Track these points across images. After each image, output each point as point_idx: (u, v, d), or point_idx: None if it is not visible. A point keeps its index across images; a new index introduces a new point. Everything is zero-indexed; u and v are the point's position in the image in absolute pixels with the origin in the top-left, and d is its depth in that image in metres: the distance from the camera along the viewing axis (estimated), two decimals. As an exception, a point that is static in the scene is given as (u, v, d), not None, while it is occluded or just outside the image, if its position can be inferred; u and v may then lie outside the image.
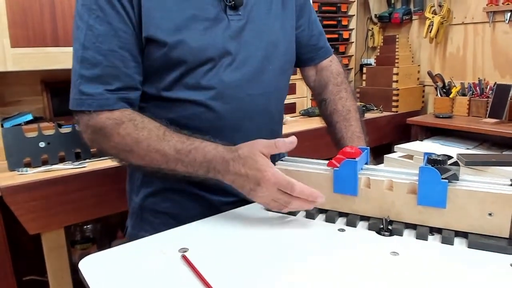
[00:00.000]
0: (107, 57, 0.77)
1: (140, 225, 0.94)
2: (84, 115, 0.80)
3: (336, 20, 2.72)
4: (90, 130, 0.80)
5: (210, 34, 0.82)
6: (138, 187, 0.94)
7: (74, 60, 0.79)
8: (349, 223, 0.78)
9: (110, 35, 0.77)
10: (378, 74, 2.62)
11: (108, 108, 0.79)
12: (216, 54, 0.82)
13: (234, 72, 0.85)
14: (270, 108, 0.93)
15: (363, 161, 0.83)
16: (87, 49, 0.77)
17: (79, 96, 0.79)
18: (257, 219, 0.81)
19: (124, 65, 0.79)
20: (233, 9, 0.85)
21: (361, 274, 0.61)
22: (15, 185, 1.25)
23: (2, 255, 1.30)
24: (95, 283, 0.60)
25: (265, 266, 0.64)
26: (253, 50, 0.87)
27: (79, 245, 1.78)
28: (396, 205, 0.75)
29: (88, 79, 0.78)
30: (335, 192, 0.79)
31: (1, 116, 1.57)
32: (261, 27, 0.89)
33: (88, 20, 0.76)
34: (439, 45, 2.63)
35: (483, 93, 2.33)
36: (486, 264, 0.63)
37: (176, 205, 0.91)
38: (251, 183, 0.72)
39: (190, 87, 0.83)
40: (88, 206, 1.40)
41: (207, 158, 0.75)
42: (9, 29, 1.46)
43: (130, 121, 0.78)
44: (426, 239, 0.71)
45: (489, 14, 2.34)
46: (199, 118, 0.84)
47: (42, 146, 1.40)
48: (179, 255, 0.67)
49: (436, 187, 0.70)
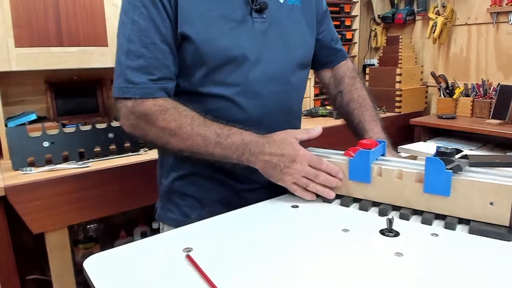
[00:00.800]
0: (149, 49, 0.85)
1: (168, 206, 1.02)
2: (128, 102, 0.87)
3: (339, 20, 2.72)
4: (134, 116, 0.87)
5: (236, 34, 0.89)
6: (167, 171, 1.01)
7: (120, 52, 0.87)
8: (361, 207, 0.85)
9: (152, 30, 0.85)
10: (381, 74, 2.61)
11: (150, 96, 0.86)
12: (241, 53, 0.89)
13: (258, 71, 0.92)
14: (290, 104, 1.01)
15: (379, 152, 0.92)
16: (132, 42, 0.85)
17: (125, 85, 0.86)
18: (261, 219, 0.81)
19: (164, 57, 0.87)
20: (258, 12, 0.92)
21: (365, 275, 0.61)
22: (19, 185, 1.26)
23: (6, 254, 1.30)
24: (100, 282, 0.60)
25: (270, 266, 0.64)
26: (275, 51, 0.94)
27: (82, 245, 1.79)
28: (405, 192, 0.81)
29: (134, 69, 0.85)
30: (350, 179, 0.87)
31: (5, 115, 1.57)
32: (283, 31, 0.96)
33: (133, 16, 0.85)
34: (442, 45, 2.62)
35: (486, 94, 2.33)
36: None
37: (202, 189, 0.98)
38: (286, 160, 0.82)
39: (217, 83, 0.90)
40: (92, 206, 1.41)
41: (244, 141, 0.84)
42: (13, 29, 1.47)
43: (174, 108, 0.86)
44: (430, 224, 0.77)
45: (492, 15, 2.33)
46: (226, 112, 0.91)
47: (46, 145, 1.41)
48: (184, 255, 0.67)
49: (441, 176, 0.76)
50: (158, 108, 0.85)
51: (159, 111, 0.85)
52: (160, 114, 0.85)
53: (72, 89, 1.86)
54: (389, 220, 0.74)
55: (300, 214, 0.83)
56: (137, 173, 1.49)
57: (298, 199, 0.89)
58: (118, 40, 0.88)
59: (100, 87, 1.95)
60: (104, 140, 1.53)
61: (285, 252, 0.68)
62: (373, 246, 0.70)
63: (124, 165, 1.47)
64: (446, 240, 0.71)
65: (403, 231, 0.74)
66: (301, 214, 0.83)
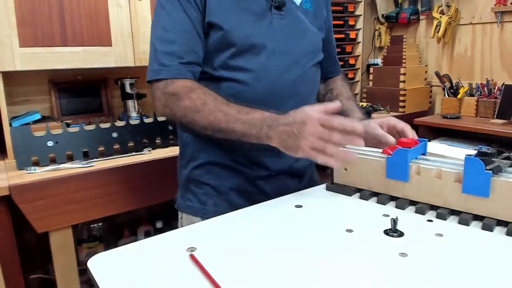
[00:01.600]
0: (181, 36, 0.95)
1: (186, 195, 1.08)
2: (161, 84, 0.95)
3: (343, 20, 2.72)
4: (165, 96, 0.95)
5: (257, 25, 0.98)
6: (187, 162, 1.07)
7: (155, 40, 0.97)
8: (398, 206, 0.85)
9: (185, 21, 0.95)
10: (385, 74, 2.61)
11: (180, 76, 0.95)
12: (260, 42, 0.98)
13: (276, 60, 0.99)
14: (301, 93, 1.06)
15: (419, 151, 0.92)
16: (167, 31, 0.96)
17: (158, 67, 0.95)
18: (266, 219, 0.81)
19: (194, 44, 0.97)
20: (277, 9, 1.00)
21: (368, 275, 0.61)
22: (23, 184, 1.26)
23: (10, 253, 1.31)
24: (104, 281, 0.60)
25: (273, 266, 0.64)
26: (292, 43, 1.02)
27: (86, 244, 1.79)
28: (443, 192, 0.81)
29: (167, 53, 0.95)
30: (388, 178, 0.88)
31: (10, 115, 1.58)
32: (299, 28, 1.05)
33: (169, 9, 0.96)
34: (446, 45, 2.61)
35: (491, 94, 2.32)
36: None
37: (217, 177, 1.04)
38: (297, 125, 0.81)
39: (236, 68, 0.98)
40: (96, 205, 1.41)
41: (263, 116, 0.87)
42: (17, 29, 1.48)
43: (200, 89, 0.94)
44: (468, 225, 0.76)
45: (497, 14, 2.32)
46: (243, 96, 0.97)
47: (50, 145, 1.41)
48: (187, 254, 0.67)
49: (480, 177, 0.75)
50: (185, 88, 0.93)
51: (185, 91, 0.92)
52: (187, 93, 0.92)
53: (76, 88, 1.86)
54: (393, 220, 0.74)
55: (303, 214, 0.83)
56: (141, 172, 1.49)
57: (302, 199, 0.89)
58: (154, 30, 0.98)
59: (104, 87, 1.95)
60: (108, 139, 1.53)
61: (288, 252, 0.68)
62: (377, 247, 0.69)
63: (128, 164, 1.47)
64: (451, 240, 0.71)
65: (408, 231, 0.74)
66: (305, 214, 0.83)
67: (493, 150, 0.81)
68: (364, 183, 0.92)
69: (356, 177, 0.94)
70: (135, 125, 1.58)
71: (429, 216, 0.81)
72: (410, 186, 0.85)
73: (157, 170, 1.54)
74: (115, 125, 1.54)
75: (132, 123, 1.58)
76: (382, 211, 0.84)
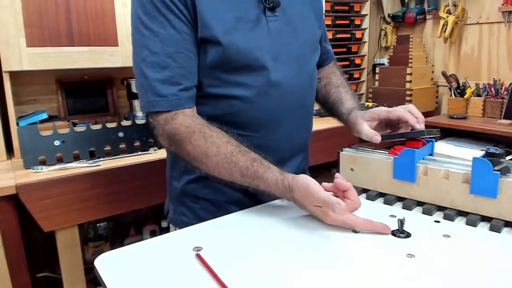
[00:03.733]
0: (174, 58, 0.83)
1: (180, 210, 1.00)
2: (161, 118, 0.85)
3: (349, 19, 2.71)
4: (165, 135, 0.86)
5: (254, 35, 0.87)
6: (180, 174, 0.99)
7: (143, 65, 0.84)
8: (405, 206, 0.85)
9: (175, 38, 0.83)
10: (391, 74, 2.59)
11: (180, 107, 0.85)
12: (260, 54, 0.87)
13: (278, 71, 0.90)
14: (307, 102, 1.00)
15: (426, 151, 0.91)
16: (156, 54, 0.82)
17: (154, 98, 0.84)
18: (272, 218, 0.81)
19: (189, 65, 0.85)
20: (271, 11, 0.90)
21: (375, 276, 0.60)
22: (30, 183, 1.27)
23: (17, 252, 1.32)
24: (111, 280, 0.61)
25: (280, 266, 0.63)
26: (292, 49, 0.93)
27: (92, 243, 1.80)
28: (450, 193, 0.81)
29: (161, 81, 0.83)
30: (395, 178, 0.87)
31: (17, 114, 1.59)
32: (296, 27, 0.95)
33: (153, 27, 0.82)
34: (453, 45, 2.60)
35: (498, 94, 2.30)
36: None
37: (216, 191, 0.95)
38: (318, 212, 0.78)
39: (235, 84, 0.87)
40: (102, 204, 1.42)
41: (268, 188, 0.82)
42: (25, 29, 1.48)
43: (200, 132, 0.84)
44: (475, 226, 0.76)
45: (504, 14, 2.30)
46: (244, 114, 0.89)
47: (57, 144, 1.42)
48: (193, 254, 0.67)
49: (488, 177, 0.75)
50: (185, 129, 0.84)
51: (185, 133, 0.84)
52: (187, 137, 0.84)
53: (83, 88, 1.87)
54: (400, 221, 0.73)
55: (310, 214, 0.82)
56: (147, 172, 1.49)
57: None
58: (140, 53, 0.84)
59: (110, 87, 1.96)
60: (114, 139, 1.54)
61: (295, 251, 0.68)
62: (384, 247, 0.69)
63: (134, 164, 1.47)
64: (458, 241, 0.71)
65: (415, 232, 0.73)
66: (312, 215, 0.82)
67: (501, 150, 0.80)
68: (371, 183, 0.92)
69: (363, 177, 0.93)
70: (141, 125, 1.59)
71: (436, 217, 0.81)
72: (417, 186, 0.85)
73: (163, 169, 1.54)
74: (121, 124, 1.55)
75: (138, 122, 1.58)
76: (389, 212, 0.83)
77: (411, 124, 0.93)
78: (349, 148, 1.00)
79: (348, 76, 2.75)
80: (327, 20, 2.52)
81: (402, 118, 0.94)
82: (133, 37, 0.86)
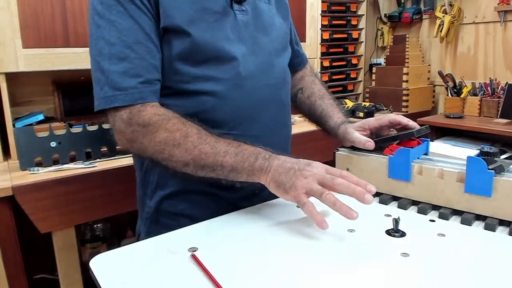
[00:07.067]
0: (134, 49, 0.77)
1: (157, 229, 0.90)
2: (122, 113, 0.78)
3: (346, 19, 2.72)
4: (131, 128, 0.79)
5: (221, 26, 0.84)
6: (152, 191, 0.93)
7: (100, 58, 0.79)
8: (400, 206, 0.86)
9: (134, 28, 0.77)
10: (388, 74, 2.60)
11: (141, 101, 0.78)
12: (228, 46, 0.84)
13: (250, 63, 0.87)
14: (282, 98, 0.97)
15: (421, 151, 0.92)
16: (113, 44, 0.77)
17: (112, 93, 0.78)
18: (267, 219, 0.81)
19: (151, 57, 0.79)
20: (238, 3, 0.88)
21: (370, 275, 0.61)
22: (26, 184, 1.26)
23: (14, 254, 1.31)
24: (106, 281, 0.61)
25: (275, 266, 0.64)
26: (263, 43, 0.91)
27: (89, 244, 1.80)
28: (445, 192, 0.81)
29: (120, 73, 0.77)
30: (390, 177, 0.88)
31: (13, 116, 1.58)
32: (265, 23, 0.93)
33: (109, 17, 0.77)
34: (449, 44, 2.61)
35: (494, 93, 2.31)
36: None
37: (194, 205, 0.90)
38: (301, 164, 0.75)
39: (205, 79, 0.83)
40: (99, 206, 1.41)
41: (257, 149, 0.78)
42: (20, 30, 1.48)
43: (176, 118, 0.79)
44: (470, 225, 0.76)
45: (500, 14, 2.31)
46: (217, 111, 0.85)
47: (53, 145, 1.42)
48: (189, 254, 0.67)
49: (482, 176, 0.76)
50: (159, 118, 0.78)
51: (160, 121, 0.77)
52: (162, 124, 0.77)
53: (79, 89, 1.86)
54: (395, 220, 0.73)
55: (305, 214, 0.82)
56: (144, 173, 1.49)
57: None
58: (96, 46, 0.79)
59: (107, 88, 1.96)
60: (111, 140, 1.51)
61: (290, 251, 0.68)
62: (379, 247, 0.69)
63: (131, 165, 1.46)
64: (453, 240, 0.71)
65: (410, 231, 0.73)
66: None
67: (496, 149, 0.81)
68: None
69: (358, 177, 0.93)
70: (138, 126, 1.58)
71: (431, 216, 0.81)
72: (412, 186, 0.86)
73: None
74: (117, 125, 1.54)
75: (134, 123, 1.58)
76: (384, 211, 0.84)
77: (404, 123, 0.95)
78: (345, 148, 1.00)
79: (345, 76, 2.76)
80: (324, 20, 2.52)
81: (393, 120, 0.96)
82: (89, 32, 0.80)
